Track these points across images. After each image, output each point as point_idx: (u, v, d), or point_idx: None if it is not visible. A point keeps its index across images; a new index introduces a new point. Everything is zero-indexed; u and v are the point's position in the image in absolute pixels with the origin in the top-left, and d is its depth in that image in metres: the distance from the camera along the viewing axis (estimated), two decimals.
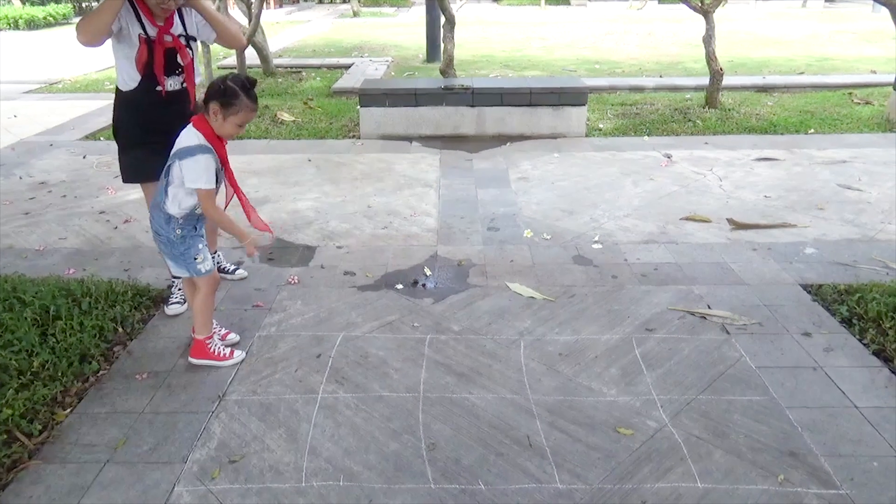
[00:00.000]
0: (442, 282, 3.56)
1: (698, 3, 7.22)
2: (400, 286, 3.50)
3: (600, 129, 6.71)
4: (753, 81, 8.69)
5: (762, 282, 3.50)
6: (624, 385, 2.66)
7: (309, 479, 2.20)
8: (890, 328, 2.94)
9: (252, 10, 8.83)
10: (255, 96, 2.56)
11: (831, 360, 2.80)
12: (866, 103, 7.58)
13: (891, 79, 6.99)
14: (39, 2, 21.46)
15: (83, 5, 22.05)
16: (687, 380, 2.69)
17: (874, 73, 9.27)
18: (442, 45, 7.78)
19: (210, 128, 2.55)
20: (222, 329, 2.99)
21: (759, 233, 4.13)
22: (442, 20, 7.83)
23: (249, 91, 2.53)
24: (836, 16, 17.58)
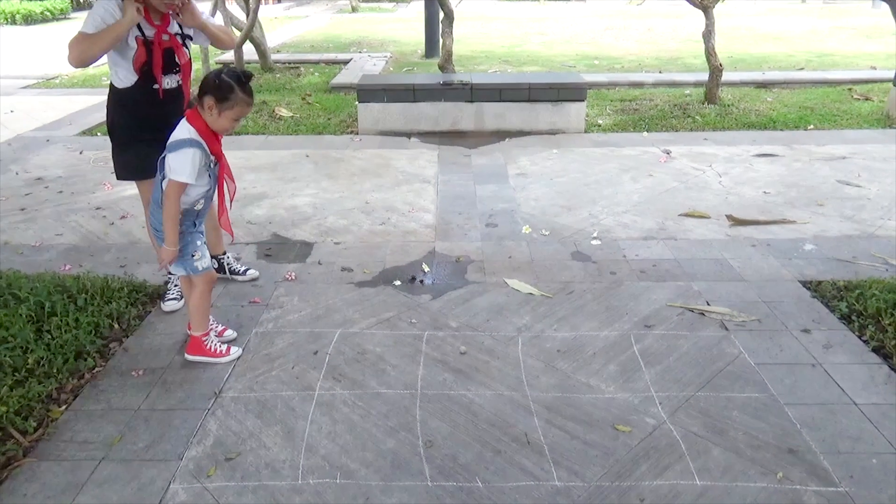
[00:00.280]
0: (440, 278, 3.55)
1: None
2: (398, 282, 3.49)
3: (599, 125, 6.69)
4: (753, 77, 8.67)
5: (761, 278, 3.48)
6: (622, 382, 2.65)
7: (305, 476, 2.19)
8: (889, 325, 2.93)
9: (250, 5, 8.79)
10: (250, 90, 2.53)
11: (830, 357, 2.79)
12: (866, 99, 7.56)
13: (891, 75, 6.96)
14: None
15: (80, 0, 21.94)
16: (685, 377, 2.68)
17: (874, 69, 9.24)
18: (441, 41, 7.75)
19: (203, 122, 2.53)
20: (219, 325, 2.98)
21: (759, 229, 4.12)
22: (441, 15, 7.80)
23: (245, 85, 2.50)
24: (835, 11, 17.54)
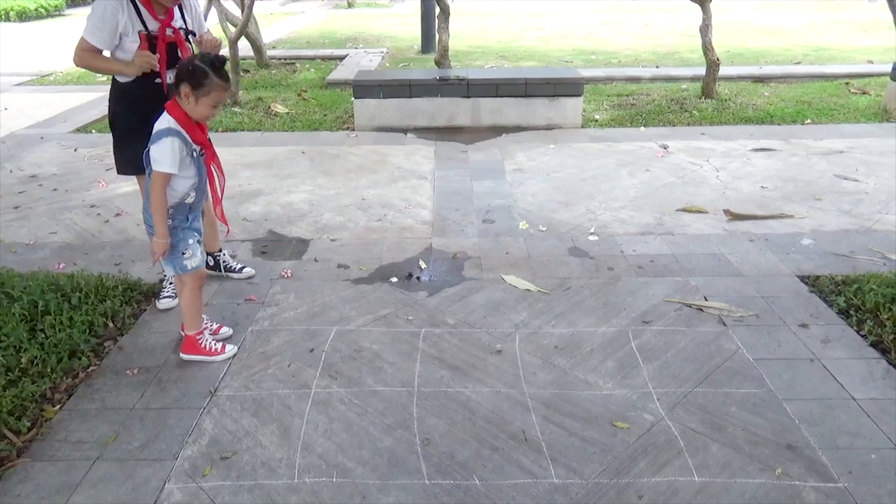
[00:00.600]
0: (436, 275, 3.53)
1: None
2: (394, 279, 3.47)
3: (596, 120, 6.67)
4: (750, 71, 8.65)
5: (759, 273, 3.47)
6: (620, 378, 2.64)
7: (302, 475, 2.17)
8: (887, 319, 2.92)
9: (245, 1, 8.73)
10: (225, 75, 2.51)
11: (829, 352, 2.78)
12: (863, 93, 7.55)
13: (888, 68, 6.95)
14: None
15: None
16: (683, 372, 2.67)
17: (871, 62, 9.23)
18: (437, 36, 7.72)
19: (182, 111, 2.50)
20: (214, 324, 2.96)
21: (756, 224, 4.11)
22: (437, 11, 7.77)
23: (219, 69, 2.48)
24: (832, 5, 17.49)
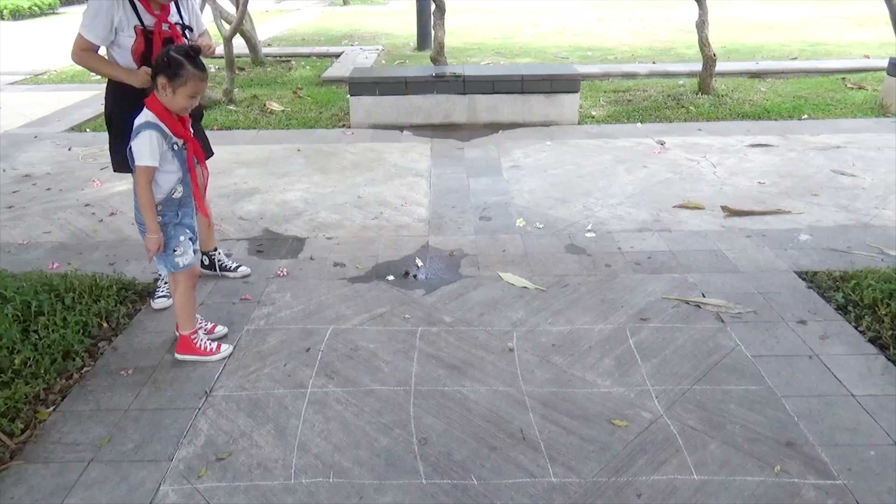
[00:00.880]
0: (433, 273, 3.51)
1: None
2: (391, 277, 3.45)
3: (593, 117, 6.65)
4: (747, 67, 8.64)
5: (757, 269, 3.46)
6: (618, 376, 2.63)
7: (298, 476, 2.15)
8: (886, 315, 2.91)
9: None
10: (201, 65, 2.49)
11: (827, 348, 2.77)
12: (860, 88, 7.55)
13: (884, 63, 6.93)
14: None
15: None
16: (682, 370, 2.65)
17: (867, 57, 9.23)
18: (433, 33, 7.69)
19: (160, 104, 2.48)
20: (208, 323, 2.93)
21: (754, 219, 4.10)
22: (432, 7, 7.73)
23: (194, 59, 2.45)
24: (828, 0, 17.49)
